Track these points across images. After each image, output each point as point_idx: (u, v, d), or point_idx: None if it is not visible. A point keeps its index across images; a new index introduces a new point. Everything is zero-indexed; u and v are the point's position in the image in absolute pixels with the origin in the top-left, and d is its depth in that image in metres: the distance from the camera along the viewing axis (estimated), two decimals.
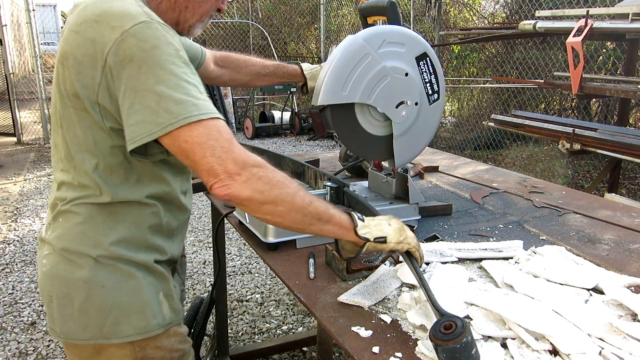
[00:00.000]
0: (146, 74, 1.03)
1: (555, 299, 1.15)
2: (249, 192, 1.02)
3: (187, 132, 1.02)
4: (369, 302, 1.21)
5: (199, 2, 1.26)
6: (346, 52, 1.53)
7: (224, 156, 1.01)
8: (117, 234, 1.21)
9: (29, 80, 12.55)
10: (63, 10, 33.23)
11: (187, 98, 1.04)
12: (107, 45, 1.05)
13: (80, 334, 1.22)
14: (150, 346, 1.25)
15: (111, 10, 1.08)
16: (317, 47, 12.48)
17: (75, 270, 1.20)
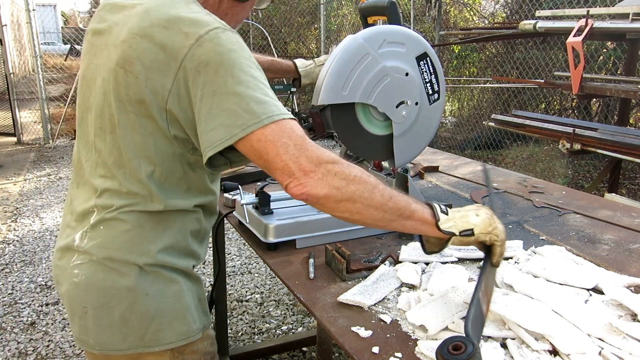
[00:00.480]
0: (224, 77, 1.02)
1: (555, 299, 1.14)
2: (325, 189, 0.99)
3: (261, 131, 1.00)
4: (369, 302, 1.21)
5: (239, 10, 1.31)
6: (346, 52, 1.53)
7: (297, 154, 0.99)
8: (164, 242, 1.19)
9: (29, 80, 12.55)
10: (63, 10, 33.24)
11: (267, 99, 1.03)
12: (182, 51, 1.04)
13: (119, 344, 1.19)
14: (187, 351, 1.24)
15: (181, 16, 1.08)
16: (317, 47, 12.48)
17: (117, 279, 1.16)
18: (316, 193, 0.99)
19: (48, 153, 8.01)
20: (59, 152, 8.05)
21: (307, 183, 0.98)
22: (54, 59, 14.50)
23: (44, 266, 3.99)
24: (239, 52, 1.05)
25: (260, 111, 1.01)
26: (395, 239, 1.64)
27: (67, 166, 7.17)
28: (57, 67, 11.54)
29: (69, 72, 12.16)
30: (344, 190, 1.00)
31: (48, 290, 3.61)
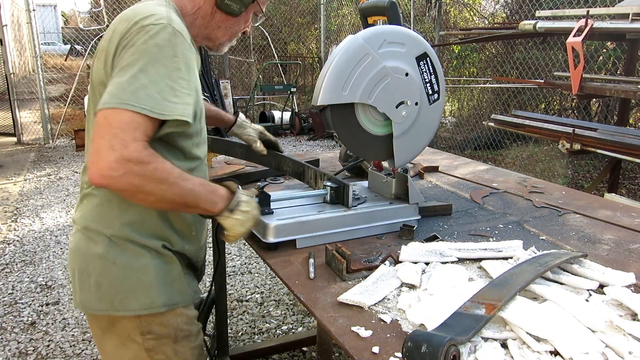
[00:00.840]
0: (135, 60, 1.19)
1: (555, 298, 1.15)
2: (123, 186, 1.15)
3: (110, 111, 1.15)
4: (369, 302, 1.21)
5: (231, 24, 1.45)
6: (346, 52, 1.53)
7: (117, 146, 1.12)
8: (128, 217, 1.33)
9: (29, 80, 12.55)
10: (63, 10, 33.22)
11: (145, 91, 1.17)
12: (124, 33, 1.22)
13: (96, 305, 1.36)
14: (155, 322, 1.37)
15: (141, 9, 1.26)
16: (317, 47, 12.48)
17: (92, 247, 1.34)
18: (116, 186, 1.15)
19: (48, 153, 8.01)
20: (59, 152, 8.06)
21: (110, 175, 1.13)
22: (54, 59, 14.50)
23: (44, 266, 3.99)
24: (164, 50, 1.20)
25: (125, 96, 1.15)
26: (396, 239, 1.64)
27: (67, 166, 7.18)
28: (57, 67, 11.54)
29: (69, 72, 12.17)
30: (142, 188, 1.16)
31: (48, 290, 3.61)
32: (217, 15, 1.42)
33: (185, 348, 1.44)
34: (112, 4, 10.24)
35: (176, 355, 1.43)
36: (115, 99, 1.16)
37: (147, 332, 1.37)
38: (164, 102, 1.19)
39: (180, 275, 1.42)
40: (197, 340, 1.49)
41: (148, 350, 1.39)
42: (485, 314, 1.04)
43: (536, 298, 1.19)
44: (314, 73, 12.68)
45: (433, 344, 0.90)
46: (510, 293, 1.11)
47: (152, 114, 1.17)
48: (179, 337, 1.42)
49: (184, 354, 1.44)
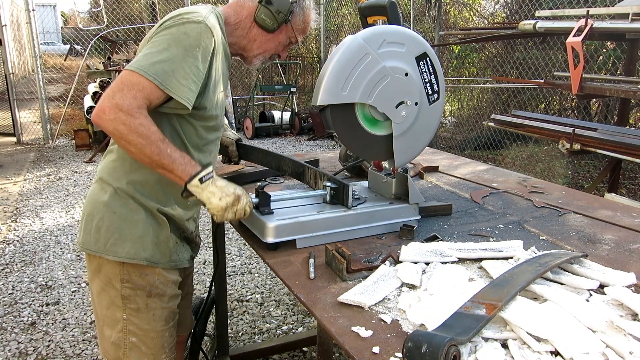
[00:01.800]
0: (165, 39, 1.43)
1: (555, 298, 1.15)
2: (110, 128, 1.36)
3: (128, 72, 1.39)
4: (369, 302, 1.21)
5: (266, 40, 1.68)
6: (346, 52, 1.53)
7: (117, 96, 1.35)
8: (134, 176, 1.55)
9: (29, 80, 12.55)
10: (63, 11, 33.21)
11: (162, 65, 1.39)
12: (168, 18, 1.48)
13: (92, 246, 1.57)
14: (135, 273, 1.57)
15: (189, 8, 1.53)
16: (317, 47, 12.48)
17: (101, 195, 1.57)
18: (104, 126, 1.37)
19: (48, 153, 8.01)
20: (59, 152, 8.05)
21: (102, 117, 1.36)
22: (53, 59, 14.49)
23: (44, 266, 3.99)
24: (189, 38, 1.43)
25: (145, 64, 1.39)
26: (396, 239, 1.64)
27: (66, 166, 7.17)
28: (56, 67, 11.54)
29: (69, 72, 12.16)
30: (124, 135, 1.36)
31: (48, 290, 3.61)
32: (254, 29, 1.66)
33: (156, 305, 1.62)
34: (111, 4, 10.24)
35: (147, 308, 1.61)
36: (137, 64, 1.39)
37: (126, 280, 1.57)
38: (173, 79, 1.40)
39: (168, 239, 1.60)
40: (169, 302, 1.66)
41: (123, 298, 1.58)
42: (485, 314, 1.04)
43: (536, 298, 1.19)
44: (314, 73, 12.67)
45: (433, 344, 0.90)
46: (510, 293, 1.11)
47: (161, 86, 1.38)
48: (152, 293, 1.60)
49: (154, 310, 1.62)
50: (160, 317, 1.64)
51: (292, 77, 11.92)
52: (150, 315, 1.61)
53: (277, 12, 1.62)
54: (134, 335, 1.61)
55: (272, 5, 1.61)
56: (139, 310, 1.60)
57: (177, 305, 1.72)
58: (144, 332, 1.62)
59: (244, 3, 1.66)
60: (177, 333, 1.85)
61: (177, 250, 1.66)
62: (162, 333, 1.65)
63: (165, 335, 1.67)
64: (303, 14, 1.68)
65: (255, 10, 1.63)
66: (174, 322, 1.71)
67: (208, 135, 1.65)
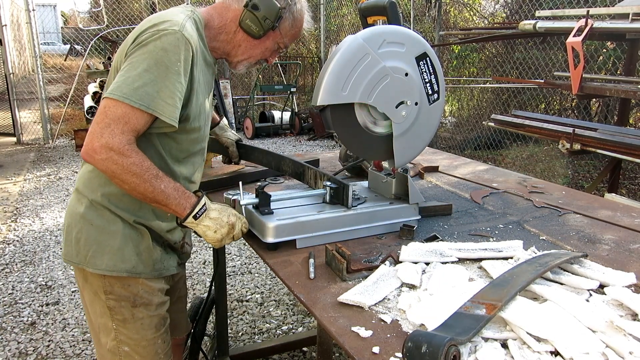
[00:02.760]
0: (143, 59, 1.36)
1: (555, 298, 1.15)
2: (102, 168, 1.34)
3: (110, 101, 1.33)
4: (369, 302, 1.21)
5: (251, 46, 1.58)
6: (346, 52, 1.53)
7: (106, 134, 1.31)
8: (109, 189, 1.49)
9: (29, 80, 12.55)
10: (63, 11, 33.21)
11: (145, 88, 1.34)
12: (142, 30, 1.40)
13: (74, 258, 1.54)
14: (117, 285, 1.53)
15: (163, 15, 1.44)
16: (317, 47, 12.48)
17: (78, 206, 1.53)
18: (96, 165, 1.35)
19: (48, 153, 8.01)
20: (59, 152, 8.05)
21: (93, 156, 1.33)
22: (53, 59, 14.49)
23: (44, 266, 3.99)
24: (168, 54, 1.37)
25: (127, 90, 1.33)
26: (396, 239, 1.64)
27: (66, 166, 7.17)
28: (56, 67, 11.54)
29: (69, 72, 12.16)
30: (117, 175, 1.34)
31: (48, 290, 3.61)
32: (239, 34, 1.56)
33: (143, 314, 1.58)
34: (111, 4, 10.24)
35: (133, 318, 1.57)
36: (118, 91, 1.33)
37: (109, 292, 1.54)
38: (159, 100, 1.36)
39: (150, 249, 1.55)
40: (157, 310, 1.61)
41: (109, 308, 1.56)
42: (485, 314, 1.04)
43: (536, 298, 1.19)
44: (314, 73, 12.68)
45: (433, 344, 0.90)
46: (510, 293, 1.11)
47: (148, 110, 1.34)
48: (137, 303, 1.56)
49: (142, 319, 1.58)
50: (150, 325, 1.60)
51: (292, 77, 11.92)
52: (138, 325, 1.58)
53: (263, 18, 1.52)
54: (125, 344, 1.59)
55: (258, 11, 1.51)
56: (126, 320, 1.56)
57: (171, 309, 1.70)
58: (135, 341, 1.59)
59: (229, 5, 1.56)
60: (173, 336, 1.84)
61: (161, 259, 1.60)
62: (153, 341, 1.62)
63: (157, 342, 1.63)
64: (293, 19, 1.59)
65: (241, 14, 1.53)
66: (166, 328, 1.67)
67: (191, 148, 1.58)
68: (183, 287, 1.95)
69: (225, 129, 2.11)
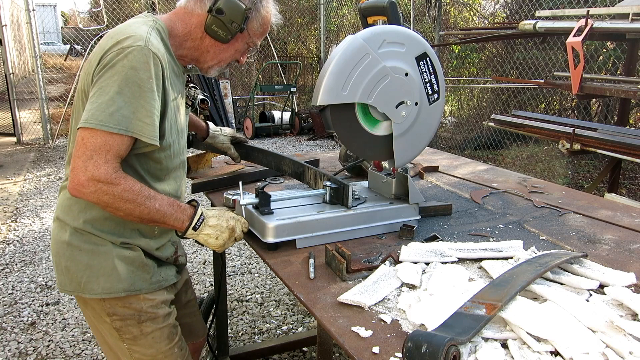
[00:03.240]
0: (113, 81, 1.30)
1: (555, 298, 1.15)
2: (94, 200, 1.32)
3: (88, 131, 1.29)
4: (369, 302, 1.21)
5: (220, 50, 1.52)
6: (346, 52, 1.53)
7: (90, 168, 1.28)
8: (90, 214, 1.46)
9: (29, 80, 12.55)
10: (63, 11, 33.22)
11: (121, 112, 1.29)
12: (105, 49, 1.34)
13: (68, 287, 1.50)
14: (118, 305, 1.50)
15: (124, 29, 1.37)
16: (317, 47, 12.48)
17: (62, 234, 1.49)
18: (87, 199, 1.32)
19: (48, 153, 8.01)
20: (59, 152, 8.05)
21: (82, 191, 1.30)
22: (53, 59, 14.50)
23: (44, 266, 3.99)
24: (139, 72, 1.31)
25: (102, 117, 1.28)
26: (396, 239, 1.64)
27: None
28: (56, 67, 11.54)
29: (69, 72, 12.17)
30: (110, 204, 1.32)
31: (48, 290, 3.61)
32: (206, 40, 1.50)
33: (151, 328, 1.55)
34: (111, 4, 10.24)
35: (142, 334, 1.54)
36: (94, 119, 1.29)
37: (112, 313, 1.51)
38: (137, 122, 1.32)
39: (143, 263, 1.52)
40: (164, 322, 1.58)
41: (117, 329, 1.52)
42: (485, 314, 1.04)
43: (536, 298, 1.19)
44: (314, 73, 12.68)
45: (433, 344, 0.90)
46: (510, 293, 1.11)
47: (127, 133, 1.31)
48: (143, 319, 1.53)
49: (152, 333, 1.55)
50: (161, 337, 1.57)
51: (292, 77, 11.92)
52: (150, 340, 1.55)
53: (229, 21, 1.44)
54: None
55: (223, 15, 1.43)
56: (136, 338, 1.54)
57: (182, 314, 1.69)
58: (151, 356, 1.56)
59: (192, 11, 1.48)
60: (190, 341, 1.84)
61: (158, 272, 1.57)
62: (170, 351, 1.59)
63: (174, 351, 1.60)
64: (260, 17, 1.52)
65: (205, 19, 1.45)
66: (179, 336, 1.64)
67: (169, 164, 1.53)
68: (189, 290, 1.92)
69: (216, 136, 2.06)
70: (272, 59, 11.14)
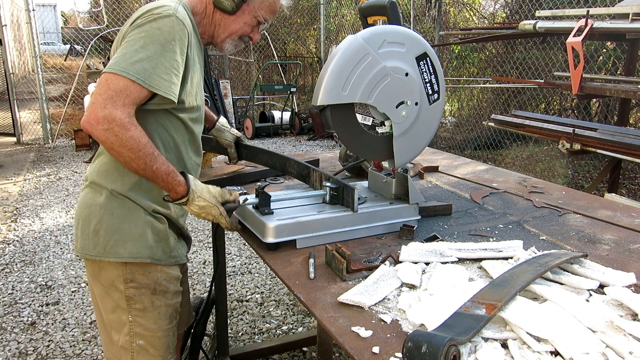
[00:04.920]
0: (139, 38, 1.41)
1: (555, 298, 1.15)
2: (101, 138, 1.37)
3: (111, 75, 1.37)
4: (369, 302, 1.21)
5: (229, 22, 1.63)
6: (346, 52, 1.53)
7: (108, 105, 1.35)
8: (129, 179, 1.53)
9: (29, 80, 12.55)
10: (63, 11, 33.20)
11: (142, 64, 1.38)
12: (138, 16, 1.47)
13: (92, 251, 1.55)
14: (138, 272, 1.56)
15: (156, 3, 1.50)
16: (316, 47, 12.48)
17: (96, 198, 1.55)
18: (96, 135, 1.37)
19: (48, 153, 8.01)
20: (59, 152, 8.05)
21: (95, 126, 1.35)
22: (53, 59, 14.50)
23: (44, 266, 3.99)
24: (164, 33, 1.42)
25: (125, 65, 1.38)
26: (396, 239, 1.64)
27: (66, 166, 7.17)
28: (56, 67, 11.54)
29: (69, 72, 12.17)
30: (115, 146, 1.37)
31: (48, 290, 3.61)
32: (216, 14, 1.63)
33: (161, 302, 1.61)
34: (111, 4, 10.24)
35: (152, 306, 1.60)
36: (118, 65, 1.38)
37: (130, 279, 1.56)
38: (155, 76, 1.40)
39: (167, 236, 1.60)
40: (173, 299, 1.65)
41: (128, 299, 1.57)
42: (485, 314, 1.04)
43: (536, 298, 1.19)
44: (314, 73, 12.68)
45: (433, 344, 0.90)
46: (510, 293, 1.11)
47: (145, 84, 1.38)
48: (157, 290, 1.60)
49: (159, 308, 1.61)
50: (165, 315, 1.63)
51: (292, 77, 11.92)
52: (156, 314, 1.61)
53: None
54: (140, 337, 1.60)
55: None
56: (145, 309, 1.59)
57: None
58: (151, 332, 1.61)
59: None
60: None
61: (176, 247, 1.66)
62: (167, 332, 1.65)
63: (169, 334, 1.66)
64: None
65: None
66: (177, 322, 1.71)
67: (195, 128, 1.64)
68: (185, 282, 1.96)
69: (222, 130, 2.11)
70: (272, 59, 11.15)
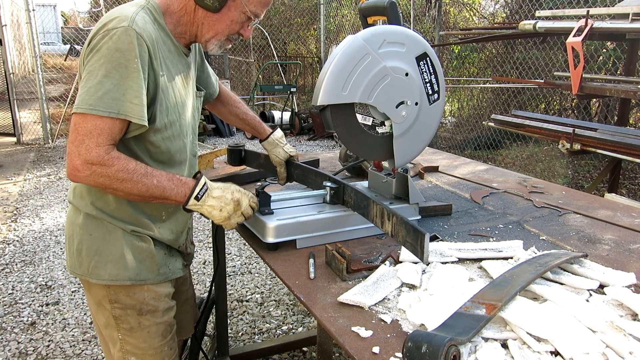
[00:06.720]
0: (100, 65, 1.31)
1: (555, 298, 1.15)
2: (91, 183, 1.35)
3: (80, 116, 1.31)
4: (369, 302, 1.21)
5: (213, 21, 1.48)
6: (346, 52, 1.53)
7: (82, 152, 1.30)
8: (102, 202, 1.48)
9: (29, 80, 12.55)
10: (63, 10, 33.22)
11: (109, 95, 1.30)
12: (94, 33, 1.37)
13: (77, 270, 1.53)
14: (122, 293, 1.52)
15: (112, 12, 1.38)
16: (316, 47, 12.48)
17: (76, 217, 1.52)
18: (84, 183, 1.35)
19: (48, 153, 8.01)
20: (59, 152, 8.05)
21: (78, 175, 1.33)
22: (53, 59, 14.50)
23: (44, 266, 3.99)
24: (124, 53, 1.32)
25: (92, 101, 1.30)
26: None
27: (66, 166, 7.16)
28: (56, 67, 11.54)
29: (69, 72, 12.17)
30: (107, 186, 1.35)
31: (48, 290, 3.61)
32: (198, 11, 1.48)
33: (149, 322, 1.56)
34: (112, 4, 10.24)
35: (140, 326, 1.55)
36: (84, 103, 1.30)
37: (115, 301, 1.52)
38: (127, 103, 1.32)
39: (151, 254, 1.53)
40: (163, 317, 1.60)
41: (115, 318, 1.54)
42: (485, 314, 1.04)
43: (536, 298, 1.19)
44: (314, 73, 12.68)
45: (433, 344, 0.90)
46: (510, 293, 1.11)
47: (119, 116, 1.31)
48: (144, 311, 1.55)
49: (148, 327, 1.56)
50: (156, 333, 1.58)
51: (292, 77, 11.92)
52: (145, 333, 1.56)
53: None
54: (132, 354, 1.58)
55: None
56: (132, 329, 1.55)
57: (178, 312, 1.69)
58: (142, 350, 1.58)
59: None
60: (177, 338, 1.83)
61: (166, 263, 1.59)
62: (160, 349, 1.60)
63: (164, 349, 1.62)
64: None
65: None
66: (172, 335, 1.65)
67: (170, 146, 1.51)
68: (190, 288, 1.93)
69: (275, 144, 1.92)
70: (272, 59, 11.15)
